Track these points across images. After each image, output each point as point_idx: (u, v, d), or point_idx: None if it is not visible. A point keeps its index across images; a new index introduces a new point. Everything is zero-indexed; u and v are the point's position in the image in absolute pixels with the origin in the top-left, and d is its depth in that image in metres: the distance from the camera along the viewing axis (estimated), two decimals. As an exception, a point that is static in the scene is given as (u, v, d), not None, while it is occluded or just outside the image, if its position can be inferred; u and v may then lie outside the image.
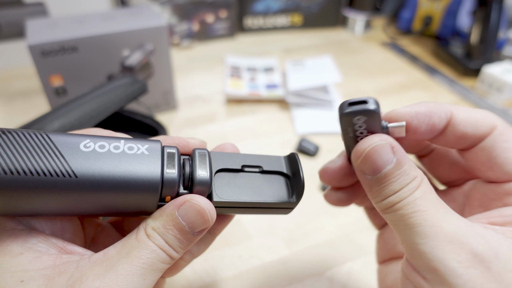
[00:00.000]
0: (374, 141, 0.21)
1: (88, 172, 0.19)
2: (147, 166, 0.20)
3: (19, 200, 0.18)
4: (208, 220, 0.21)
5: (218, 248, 0.40)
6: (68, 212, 0.21)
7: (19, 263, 0.18)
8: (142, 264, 0.19)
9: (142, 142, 0.21)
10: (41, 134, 0.19)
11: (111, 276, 0.18)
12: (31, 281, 0.18)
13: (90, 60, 0.53)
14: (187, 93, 0.68)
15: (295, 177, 0.25)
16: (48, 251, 0.19)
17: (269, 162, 0.25)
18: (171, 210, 0.20)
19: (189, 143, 0.24)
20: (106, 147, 0.20)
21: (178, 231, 0.20)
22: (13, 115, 0.62)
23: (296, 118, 0.61)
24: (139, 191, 0.20)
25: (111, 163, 0.19)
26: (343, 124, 0.22)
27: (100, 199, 0.20)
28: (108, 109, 0.41)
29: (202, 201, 0.21)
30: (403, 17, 0.92)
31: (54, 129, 0.36)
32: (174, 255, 0.20)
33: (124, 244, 0.20)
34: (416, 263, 0.20)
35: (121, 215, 0.24)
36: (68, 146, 0.19)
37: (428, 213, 0.20)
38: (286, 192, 0.25)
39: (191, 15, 0.83)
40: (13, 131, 0.19)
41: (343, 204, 0.27)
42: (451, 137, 0.22)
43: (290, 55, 0.83)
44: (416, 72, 0.77)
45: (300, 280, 0.37)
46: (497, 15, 0.70)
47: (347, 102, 0.21)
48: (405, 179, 0.20)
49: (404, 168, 0.21)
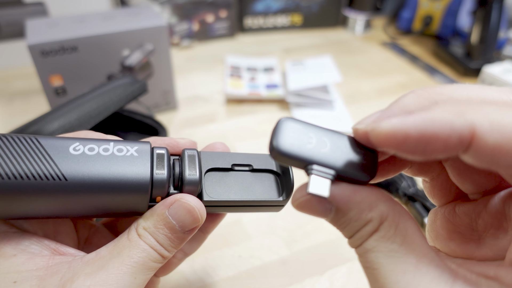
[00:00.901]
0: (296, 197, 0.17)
1: (78, 174, 0.19)
2: (137, 168, 0.20)
3: (11, 203, 0.19)
4: (198, 218, 0.21)
5: (218, 248, 0.40)
6: (60, 214, 0.21)
7: (12, 264, 0.19)
8: (133, 263, 0.19)
9: (132, 144, 0.21)
10: (31, 139, 0.19)
11: (102, 275, 0.19)
12: (24, 282, 0.18)
13: (90, 60, 0.53)
14: (187, 93, 0.68)
15: (285, 175, 0.25)
16: (41, 253, 0.20)
17: (259, 160, 0.25)
18: (162, 209, 0.21)
19: (179, 143, 0.24)
20: (95, 149, 0.20)
21: (169, 230, 0.20)
22: (13, 115, 0.62)
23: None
24: (129, 192, 0.20)
25: (101, 165, 0.20)
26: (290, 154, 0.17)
27: (91, 201, 0.20)
28: (108, 109, 0.41)
29: (191, 200, 0.21)
30: (403, 17, 0.92)
31: (54, 129, 0.36)
32: (165, 254, 0.21)
33: (116, 244, 0.20)
34: None
35: (113, 216, 0.24)
36: (57, 149, 0.19)
37: (379, 272, 0.16)
38: (276, 190, 0.25)
39: (191, 15, 0.83)
40: (2, 136, 0.19)
41: None
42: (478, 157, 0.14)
43: (290, 55, 0.83)
44: (416, 72, 0.77)
45: (300, 280, 0.37)
46: (497, 15, 0.70)
47: None
48: (354, 226, 0.17)
49: (350, 215, 0.17)
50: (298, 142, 0.17)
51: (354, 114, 0.63)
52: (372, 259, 0.16)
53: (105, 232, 0.26)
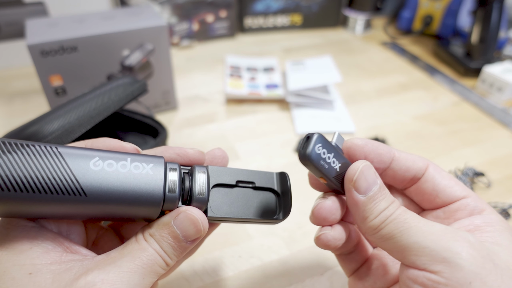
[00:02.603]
0: (361, 163, 0.24)
1: (97, 191, 0.21)
2: (151, 188, 0.22)
3: (30, 210, 0.20)
4: (201, 230, 0.23)
5: (218, 248, 0.40)
6: (74, 218, 0.23)
7: (28, 257, 0.20)
8: (143, 264, 0.21)
9: (147, 160, 0.23)
10: (52, 148, 0.20)
11: (115, 271, 0.20)
12: (39, 274, 0.19)
13: (90, 60, 0.53)
14: (187, 93, 0.68)
15: (284, 196, 0.27)
16: (54, 249, 0.21)
17: (262, 178, 0.27)
18: (168, 219, 0.22)
19: (188, 153, 0.26)
20: (114, 166, 0.21)
21: (173, 239, 0.22)
22: (12, 115, 0.62)
23: (296, 118, 0.61)
24: (142, 208, 0.22)
25: (119, 183, 0.21)
26: (315, 162, 0.23)
27: (105, 211, 0.22)
28: (108, 109, 0.41)
29: (196, 212, 0.23)
30: (403, 17, 0.92)
31: (54, 129, 0.36)
32: (168, 261, 0.22)
33: (125, 246, 0.22)
34: (421, 261, 0.21)
35: (122, 221, 0.27)
36: (78, 164, 0.21)
37: (417, 217, 0.23)
38: (275, 209, 0.27)
39: (191, 15, 0.83)
40: (25, 144, 0.20)
41: (340, 242, 0.26)
42: (397, 170, 0.26)
43: (290, 55, 0.83)
44: (416, 72, 0.77)
45: (300, 280, 0.37)
46: (497, 14, 0.70)
47: (302, 149, 0.23)
48: (389, 199, 0.24)
49: (386, 191, 0.24)
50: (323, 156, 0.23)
51: (354, 114, 0.63)
52: (408, 213, 0.23)
53: (111, 235, 0.27)
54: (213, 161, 0.27)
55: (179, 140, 0.57)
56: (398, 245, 0.22)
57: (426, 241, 0.21)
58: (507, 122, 0.62)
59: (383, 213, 0.23)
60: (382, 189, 0.24)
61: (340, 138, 0.25)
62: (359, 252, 0.29)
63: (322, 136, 0.23)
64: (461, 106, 0.67)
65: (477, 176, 0.50)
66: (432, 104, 0.67)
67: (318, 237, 0.26)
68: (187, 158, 0.26)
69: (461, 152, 0.55)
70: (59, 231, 0.22)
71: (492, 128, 0.61)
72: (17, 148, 0.19)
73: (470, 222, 0.24)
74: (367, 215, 0.23)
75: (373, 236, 0.23)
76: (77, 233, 0.24)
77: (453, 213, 0.26)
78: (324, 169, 0.24)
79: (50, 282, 0.19)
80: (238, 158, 0.53)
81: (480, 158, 0.54)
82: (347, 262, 0.29)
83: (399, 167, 0.26)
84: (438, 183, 0.26)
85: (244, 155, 0.54)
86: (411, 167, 0.26)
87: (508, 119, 0.63)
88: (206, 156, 0.27)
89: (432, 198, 0.27)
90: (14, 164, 0.19)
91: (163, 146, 0.26)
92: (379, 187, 0.23)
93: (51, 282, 0.19)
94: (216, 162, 0.27)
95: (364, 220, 0.24)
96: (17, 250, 0.20)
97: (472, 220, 0.24)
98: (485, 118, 0.63)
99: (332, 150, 0.24)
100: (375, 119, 0.62)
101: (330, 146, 0.24)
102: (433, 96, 0.69)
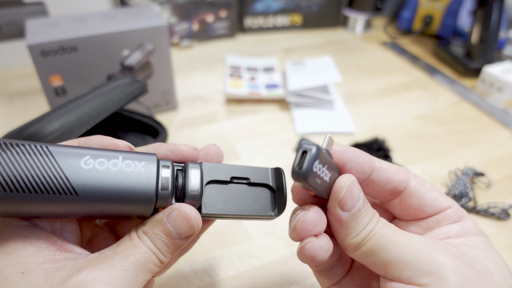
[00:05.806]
0: (348, 180, 0.23)
1: (88, 190, 0.20)
2: (144, 186, 0.22)
3: (21, 209, 0.20)
4: (194, 227, 0.22)
5: (218, 248, 0.40)
6: (67, 217, 0.23)
7: (21, 256, 0.20)
8: (136, 262, 0.21)
9: (139, 158, 0.22)
10: (42, 147, 0.20)
11: (107, 270, 0.20)
12: (32, 273, 0.19)
13: (90, 60, 0.53)
14: (187, 93, 0.68)
15: (279, 191, 0.26)
16: (48, 247, 0.21)
17: (256, 174, 0.27)
18: (161, 217, 0.22)
19: (182, 150, 0.25)
20: (105, 164, 0.21)
21: (166, 236, 0.22)
22: (12, 115, 0.62)
23: (296, 118, 0.61)
24: (134, 206, 0.22)
25: (110, 181, 0.21)
26: (310, 180, 0.21)
27: (98, 210, 0.21)
28: (108, 109, 0.41)
29: (189, 209, 0.22)
30: (403, 17, 0.92)
31: (54, 129, 0.36)
32: (162, 259, 0.22)
33: (119, 244, 0.22)
34: (405, 275, 0.21)
35: (116, 219, 0.26)
36: (69, 163, 0.20)
37: (397, 230, 0.23)
38: (270, 205, 0.27)
39: (191, 15, 0.83)
40: (14, 143, 0.20)
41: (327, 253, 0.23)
42: (378, 182, 0.25)
43: (290, 55, 0.83)
44: (416, 72, 0.77)
45: (300, 280, 0.37)
46: (497, 15, 0.70)
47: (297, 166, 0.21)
48: (370, 213, 0.23)
49: (368, 205, 0.23)
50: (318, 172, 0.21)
51: (354, 114, 0.63)
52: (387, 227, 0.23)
53: (106, 234, 0.27)
54: (208, 157, 0.27)
55: (179, 140, 0.57)
56: (379, 260, 0.22)
57: (408, 255, 0.21)
58: (507, 122, 0.62)
59: (365, 229, 0.22)
60: (364, 203, 0.23)
61: (330, 141, 0.24)
62: (341, 265, 0.27)
63: (319, 149, 0.21)
64: (461, 106, 0.67)
65: (477, 176, 0.50)
66: (432, 104, 0.67)
67: (303, 247, 0.23)
68: (181, 154, 0.25)
69: (461, 152, 0.55)
70: (52, 229, 0.22)
71: (492, 128, 0.61)
72: (6, 147, 0.19)
73: (450, 228, 0.25)
74: (349, 232, 0.23)
75: (355, 253, 0.23)
76: (71, 232, 0.23)
77: (438, 223, 0.25)
78: (317, 185, 0.22)
79: (42, 281, 0.19)
80: (238, 158, 0.53)
81: (480, 158, 0.54)
82: (327, 278, 0.27)
83: (380, 179, 0.25)
84: (424, 196, 0.25)
85: (244, 155, 0.54)
86: (393, 178, 0.25)
87: (508, 119, 0.63)
88: (201, 153, 0.27)
89: (418, 212, 0.26)
90: (3, 164, 0.19)
91: (157, 143, 0.25)
92: (362, 202, 0.23)
93: (44, 281, 0.19)
94: (210, 158, 0.27)
95: (346, 237, 0.23)
96: (10, 249, 0.20)
97: (452, 226, 0.25)
98: (485, 118, 0.63)
99: (326, 161, 0.22)
100: (375, 119, 0.62)
101: (324, 158, 0.22)
102: (433, 96, 0.69)
